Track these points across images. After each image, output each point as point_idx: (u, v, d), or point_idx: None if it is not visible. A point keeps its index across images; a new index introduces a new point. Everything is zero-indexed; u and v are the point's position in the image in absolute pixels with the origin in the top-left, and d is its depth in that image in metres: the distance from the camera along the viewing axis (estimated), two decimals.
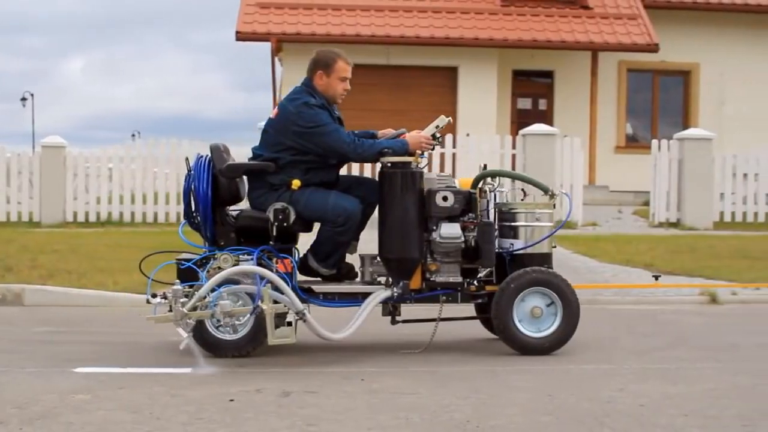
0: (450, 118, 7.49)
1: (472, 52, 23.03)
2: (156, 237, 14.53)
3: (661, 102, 25.43)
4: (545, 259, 7.24)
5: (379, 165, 7.25)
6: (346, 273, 7.35)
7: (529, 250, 7.18)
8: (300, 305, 6.62)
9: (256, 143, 7.38)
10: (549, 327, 7.03)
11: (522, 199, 7.48)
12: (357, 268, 7.41)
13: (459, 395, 5.65)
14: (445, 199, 7.05)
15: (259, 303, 6.49)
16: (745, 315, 9.48)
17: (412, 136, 7.28)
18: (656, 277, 10.29)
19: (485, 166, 7.51)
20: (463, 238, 7.07)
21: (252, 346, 6.82)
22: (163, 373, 6.29)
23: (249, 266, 6.75)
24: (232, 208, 7.28)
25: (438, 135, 7.35)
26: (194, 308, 6.46)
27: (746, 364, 6.78)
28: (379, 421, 5.07)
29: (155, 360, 6.80)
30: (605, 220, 18.80)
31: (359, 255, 7.38)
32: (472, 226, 7.14)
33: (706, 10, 24.81)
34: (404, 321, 7.29)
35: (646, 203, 19.11)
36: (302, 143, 7.11)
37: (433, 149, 7.38)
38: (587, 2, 24.05)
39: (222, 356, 6.70)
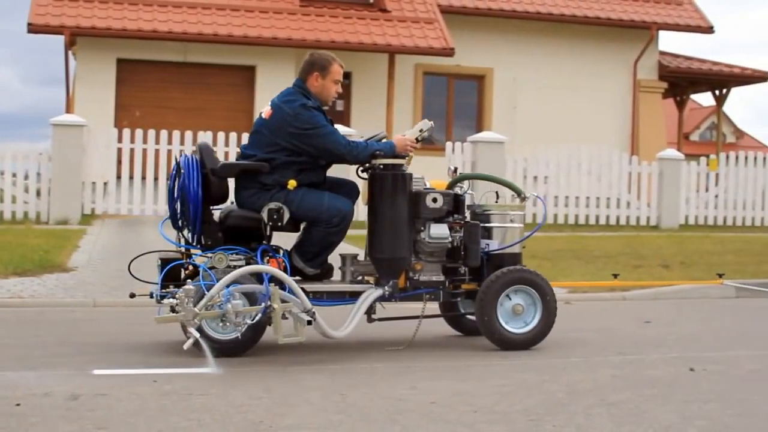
0: (432, 122, 7.67)
1: (270, 51, 22.97)
2: None
3: (456, 105, 25.90)
4: (517, 258, 7.62)
5: (353, 167, 7.55)
6: (326, 272, 7.44)
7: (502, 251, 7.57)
8: (309, 304, 6.70)
9: (48, 139, 7.24)
10: (530, 323, 7.38)
11: (495, 201, 7.78)
12: (337, 267, 7.53)
13: (252, 395, 5.63)
14: (434, 200, 7.32)
15: (269, 302, 6.52)
16: None
17: (398, 139, 7.46)
18: (615, 276, 10.54)
19: (456, 169, 7.79)
20: (450, 239, 7.33)
21: (249, 346, 6.81)
22: None
23: (261, 266, 6.79)
24: (214, 207, 7.28)
25: (420, 138, 7.54)
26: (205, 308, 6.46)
27: (534, 361, 6.98)
28: (171, 422, 5.00)
29: None
30: None
31: (339, 254, 7.48)
32: (458, 227, 7.40)
33: (500, 16, 25.41)
34: (380, 319, 7.43)
35: None
36: (298, 144, 7.16)
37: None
38: (385, 5, 24.31)
39: (219, 356, 6.53)
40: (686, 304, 10.56)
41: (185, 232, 7.23)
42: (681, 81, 29.01)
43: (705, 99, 57.18)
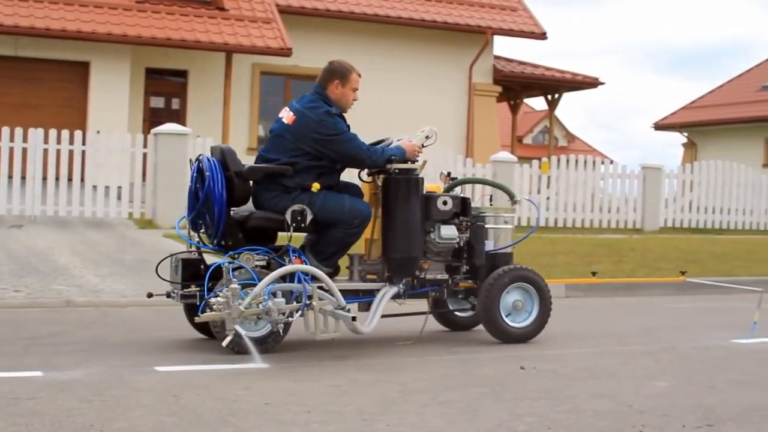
0: (437, 129, 8.00)
1: (104, 47, 22.54)
2: None
3: None
4: (509, 258, 8.17)
5: (355, 171, 7.81)
6: (334, 271, 7.64)
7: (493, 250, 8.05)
8: (344, 301, 7.02)
9: None
10: (528, 318, 7.95)
11: (490, 204, 8.35)
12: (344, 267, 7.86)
13: (82, 399, 5.51)
14: (444, 203, 7.75)
15: (309, 299, 6.85)
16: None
17: (407, 145, 7.74)
18: (593, 273, 10.57)
19: (449, 174, 8.24)
20: (458, 239, 7.76)
21: (273, 343, 7.05)
22: None
23: (301, 265, 7.07)
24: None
25: (425, 144, 7.90)
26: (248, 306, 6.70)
27: (368, 361, 7.03)
28: None
29: None
30: None
31: (348, 254, 7.75)
32: (464, 228, 7.83)
33: (338, 17, 25.53)
34: (383, 316, 7.58)
35: None
36: (321, 149, 7.41)
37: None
38: (223, 4, 24.14)
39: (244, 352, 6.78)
40: None
41: (201, 232, 7.47)
42: (515, 85, 29.64)
43: (538, 103, 58.52)
